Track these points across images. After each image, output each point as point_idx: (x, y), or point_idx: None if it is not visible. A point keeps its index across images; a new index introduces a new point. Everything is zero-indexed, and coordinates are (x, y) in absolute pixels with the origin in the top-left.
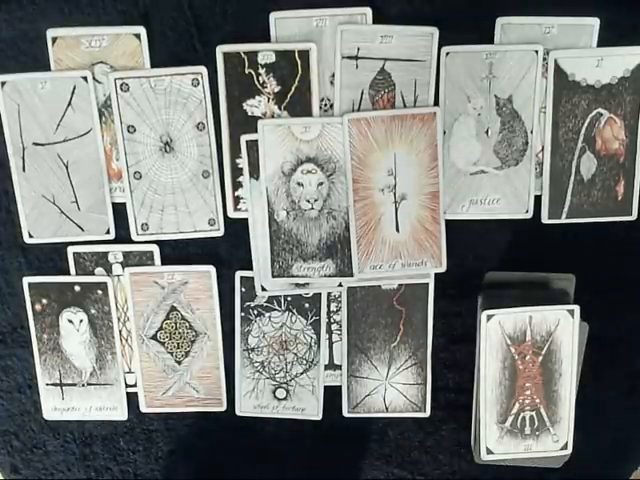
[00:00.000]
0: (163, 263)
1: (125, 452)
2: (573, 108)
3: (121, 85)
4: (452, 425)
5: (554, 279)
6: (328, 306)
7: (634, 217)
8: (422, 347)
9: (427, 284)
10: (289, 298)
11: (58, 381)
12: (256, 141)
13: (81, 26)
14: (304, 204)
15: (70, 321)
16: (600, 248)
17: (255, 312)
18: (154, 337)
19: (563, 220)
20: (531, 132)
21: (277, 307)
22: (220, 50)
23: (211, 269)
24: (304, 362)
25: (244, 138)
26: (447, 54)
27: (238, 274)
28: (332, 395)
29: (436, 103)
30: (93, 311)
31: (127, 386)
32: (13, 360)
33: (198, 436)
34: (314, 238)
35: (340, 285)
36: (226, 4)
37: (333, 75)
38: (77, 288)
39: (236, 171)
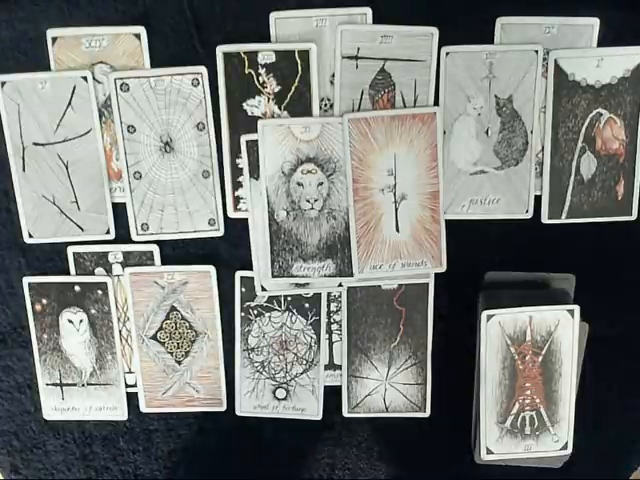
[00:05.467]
0: (163, 263)
1: (125, 452)
2: (573, 108)
3: (121, 85)
4: (452, 425)
5: (554, 279)
6: (328, 306)
7: (634, 217)
8: (422, 347)
9: (427, 284)
10: (289, 298)
11: (58, 381)
12: (256, 141)
13: (81, 26)
14: (304, 204)
15: (70, 321)
16: (600, 248)
17: (255, 312)
18: (154, 337)
19: (563, 220)
20: (531, 132)
21: (277, 307)
22: (220, 50)
23: (211, 269)
24: (304, 362)
25: (244, 138)
26: (447, 54)
27: (238, 274)
28: (332, 395)
29: (436, 103)
30: (93, 311)
31: (127, 386)
32: (13, 360)
33: (198, 436)
34: (314, 238)
35: (340, 285)
36: (226, 4)
37: (333, 75)
38: (77, 288)
39: (236, 171)
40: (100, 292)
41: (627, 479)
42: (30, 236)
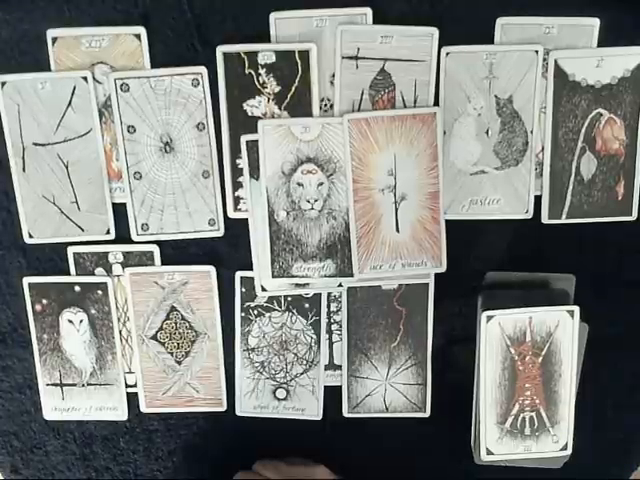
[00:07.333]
0: (163, 263)
1: (125, 452)
2: (573, 108)
3: (121, 85)
4: (452, 425)
5: (554, 279)
6: (328, 306)
7: (634, 217)
8: (422, 347)
9: (427, 284)
10: (289, 298)
11: (58, 381)
12: (256, 141)
13: (81, 26)
14: (304, 204)
15: (70, 321)
16: (600, 248)
17: (255, 312)
18: (154, 337)
19: (563, 220)
20: (531, 132)
21: (277, 307)
22: (220, 50)
23: (211, 269)
24: (304, 362)
25: (244, 138)
26: (447, 54)
27: (238, 274)
28: (332, 395)
29: (436, 103)
30: (93, 311)
31: (127, 386)
32: (13, 360)
33: (198, 436)
34: (314, 238)
35: (340, 285)
36: (226, 4)
37: (333, 75)
38: (77, 288)
39: (236, 171)
40: (100, 292)
41: (627, 479)
42: (30, 236)
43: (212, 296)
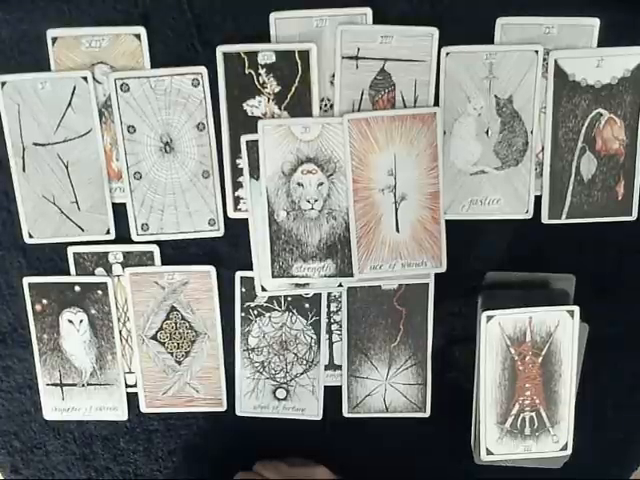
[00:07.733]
0: (163, 263)
1: (125, 452)
2: (573, 108)
3: (121, 85)
4: (452, 425)
5: (554, 279)
6: (328, 306)
7: (634, 217)
8: (422, 347)
9: (427, 284)
10: (289, 298)
11: (58, 381)
12: (256, 141)
13: (81, 26)
14: (304, 204)
15: (70, 321)
16: (600, 248)
17: (255, 312)
18: (154, 337)
19: (563, 220)
20: (531, 132)
21: (277, 307)
22: (220, 50)
23: (211, 269)
24: (304, 362)
25: (244, 138)
26: (447, 54)
27: (238, 274)
28: (332, 395)
29: (436, 103)
30: (93, 311)
31: (127, 386)
32: (13, 360)
33: (198, 436)
34: (314, 238)
35: (340, 285)
36: (226, 4)
37: (333, 75)
38: (77, 288)
39: (236, 171)
40: (100, 292)
41: (627, 479)
42: (30, 236)
43: (212, 296)
